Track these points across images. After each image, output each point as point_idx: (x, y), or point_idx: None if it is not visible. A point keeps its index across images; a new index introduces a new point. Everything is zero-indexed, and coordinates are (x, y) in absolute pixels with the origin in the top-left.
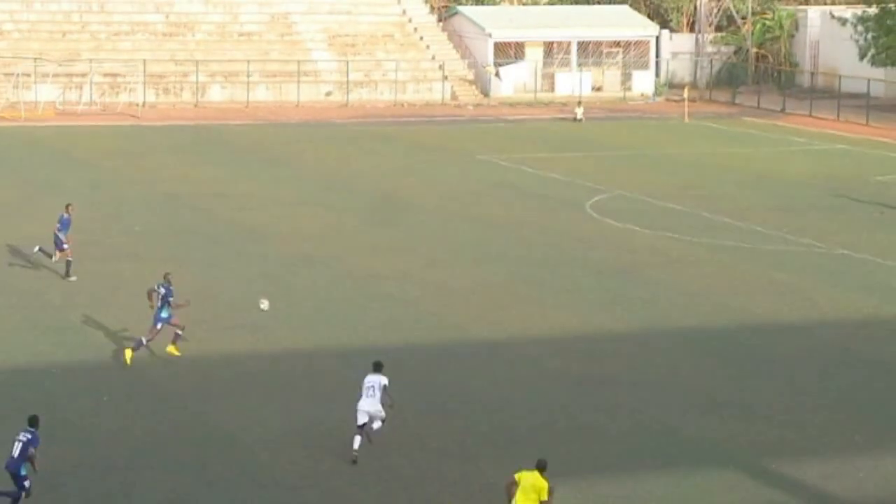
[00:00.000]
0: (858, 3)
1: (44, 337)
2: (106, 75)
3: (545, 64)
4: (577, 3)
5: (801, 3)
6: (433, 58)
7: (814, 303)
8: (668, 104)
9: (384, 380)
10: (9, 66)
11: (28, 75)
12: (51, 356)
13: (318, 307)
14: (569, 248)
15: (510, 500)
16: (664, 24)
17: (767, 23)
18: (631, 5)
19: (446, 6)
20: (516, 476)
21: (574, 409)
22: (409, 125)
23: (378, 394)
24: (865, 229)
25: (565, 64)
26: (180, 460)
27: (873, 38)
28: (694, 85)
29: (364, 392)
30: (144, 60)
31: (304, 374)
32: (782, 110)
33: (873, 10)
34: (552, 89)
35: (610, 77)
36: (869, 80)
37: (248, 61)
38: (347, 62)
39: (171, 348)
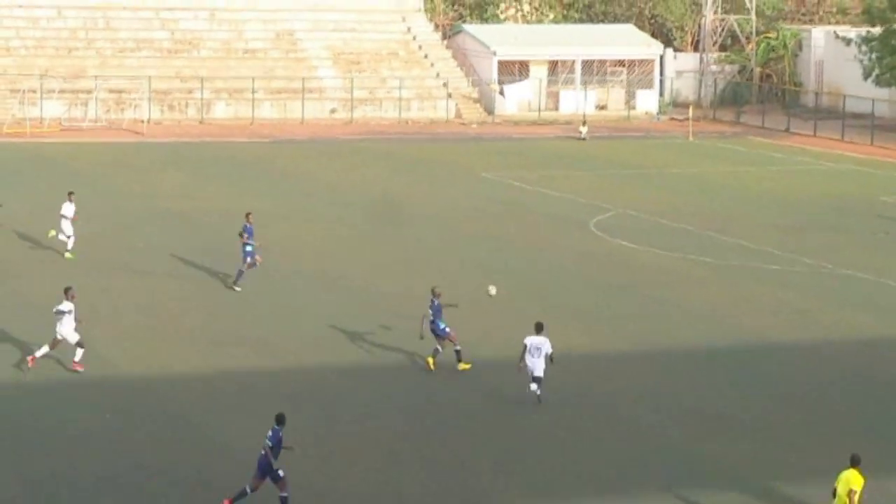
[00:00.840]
0: (863, 24)
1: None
2: (111, 92)
3: (549, 82)
4: (581, 21)
5: (805, 23)
6: (438, 75)
7: (818, 322)
8: (672, 123)
9: (548, 345)
10: (15, 83)
11: (34, 91)
12: (52, 371)
13: (321, 323)
14: (572, 266)
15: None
16: (668, 43)
17: (772, 42)
18: (635, 24)
19: (451, 24)
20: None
21: (576, 426)
22: (413, 143)
23: (543, 353)
24: (870, 249)
25: (569, 82)
26: (182, 475)
27: (878, 58)
28: (698, 104)
29: (530, 352)
30: (150, 77)
31: (307, 390)
32: (786, 130)
33: (878, 30)
34: (556, 108)
35: (614, 95)
36: (873, 100)
37: (253, 78)
38: (352, 79)
39: (461, 365)
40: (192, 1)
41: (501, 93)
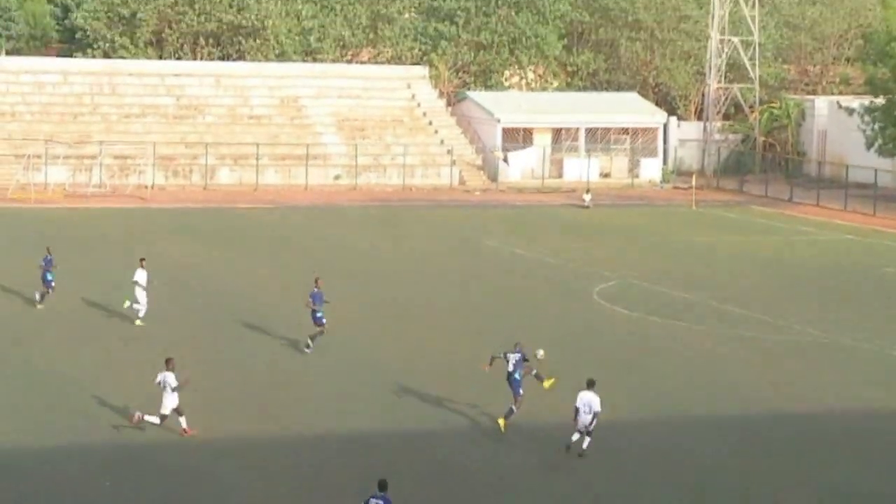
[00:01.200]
0: (866, 94)
1: (50, 418)
2: (116, 157)
3: (553, 149)
4: (585, 89)
5: (808, 93)
6: (442, 142)
7: (820, 393)
8: (675, 191)
9: (597, 402)
10: (20, 148)
11: (39, 157)
12: (57, 438)
13: (324, 393)
14: (576, 336)
15: None
16: (672, 111)
17: (775, 111)
18: (639, 92)
19: (456, 91)
20: None
21: (580, 499)
22: (416, 209)
23: (592, 409)
24: (874, 320)
25: (573, 150)
26: None
27: (880, 128)
28: (701, 172)
29: (581, 409)
30: (154, 143)
31: (310, 461)
32: (790, 199)
33: (880, 100)
34: (560, 175)
35: (618, 163)
36: (876, 171)
37: (258, 144)
38: (356, 146)
39: (502, 420)
40: (198, 66)
41: (505, 160)
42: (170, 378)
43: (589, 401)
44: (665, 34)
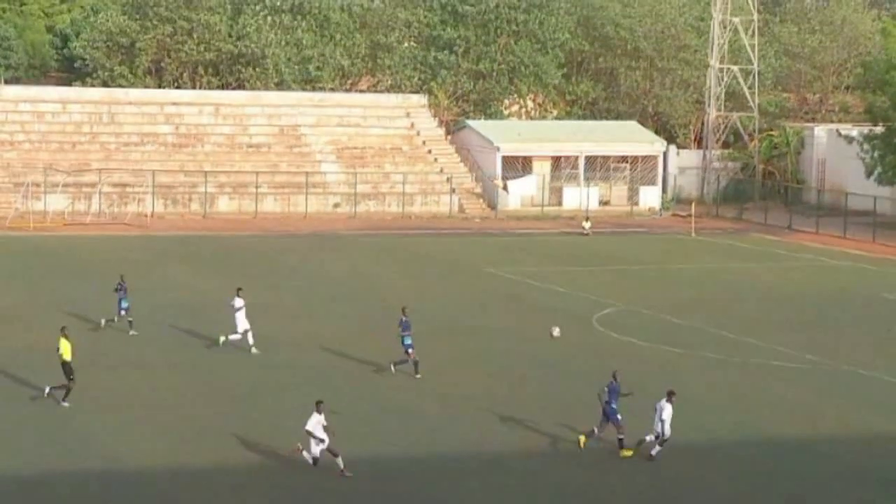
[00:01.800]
0: (865, 122)
1: (49, 446)
2: (115, 185)
3: (553, 178)
4: (585, 118)
5: (807, 121)
6: (441, 171)
7: (820, 419)
8: (675, 219)
9: (668, 411)
10: (19, 177)
11: (38, 185)
12: (56, 466)
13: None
14: (575, 362)
15: None
16: (671, 139)
17: (774, 140)
18: (638, 121)
19: (455, 120)
20: None
21: None
22: (416, 237)
23: (666, 419)
24: (872, 346)
25: (573, 178)
26: None
27: (880, 156)
28: (701, 200)
29: (657, 414)
30: (153, 171)
31: (310, 487)
32: (789, 227)
33: (880, 128)
34: (559, 203)
35: (617, 191)
36: (875, 198)
37: (257, 173)
38: (356, 174)
39: (624, 452)
40: (197, 95)
41: (505, 188)
42: (321, 420)
43: (661, 407)
44: (664, 63)
